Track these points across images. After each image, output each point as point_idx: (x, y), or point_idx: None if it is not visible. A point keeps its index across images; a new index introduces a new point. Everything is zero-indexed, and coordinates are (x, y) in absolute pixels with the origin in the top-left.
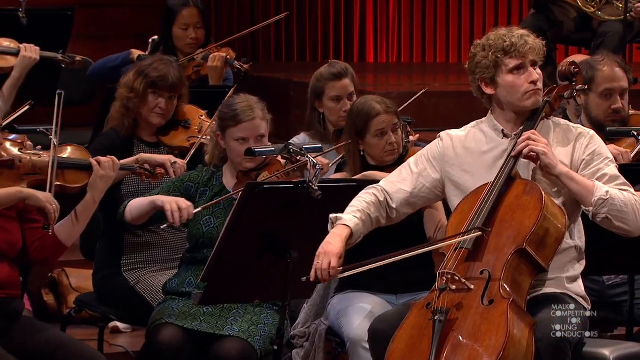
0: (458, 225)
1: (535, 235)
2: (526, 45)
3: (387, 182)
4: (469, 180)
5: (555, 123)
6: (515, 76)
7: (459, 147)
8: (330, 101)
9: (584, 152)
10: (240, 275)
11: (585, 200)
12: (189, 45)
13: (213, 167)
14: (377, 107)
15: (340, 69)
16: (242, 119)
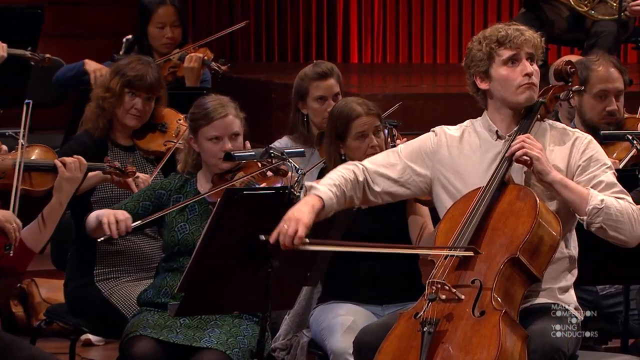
0: (448, 232)
1: (529, 243)
2: (521, 37)
3: (373, 164)
4: (459, 183)
5: (552, 126)
6: (510, 69)
7: (453, 146)
8: (314, 102)
9: (580, 158)
10: (218, 285)
11: (579, 209)
12: (165, 45)
13: (186, 174)
14: (357, 108)
15: (326, 69)
16: (214, 117)
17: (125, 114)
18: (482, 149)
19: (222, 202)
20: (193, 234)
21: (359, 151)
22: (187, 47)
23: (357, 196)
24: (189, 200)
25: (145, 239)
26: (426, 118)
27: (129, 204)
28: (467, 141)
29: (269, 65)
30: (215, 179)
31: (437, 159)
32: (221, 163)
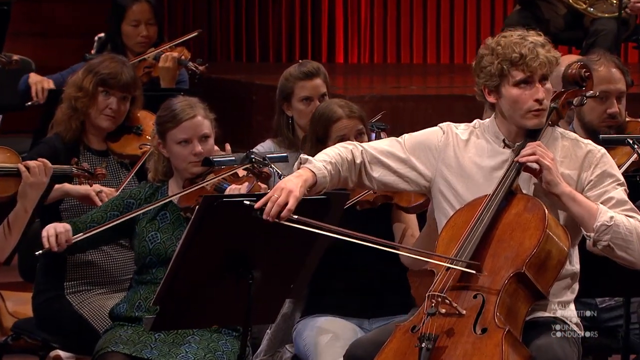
0: (450, 241)
1: (536, 258)
2: (537, 60)
3: (373, 149)
4: (462, 187)
5: (563, 135)
6: (521, 90)
7: (459, 148)
8: (299, 103)
9: (592, 172)
10: (196, 297)
11: (586, 224)
12: (140, 44)
13: (157, 183)
14: (338, 111)
15: (312, 68)
16: (182, 118)
17: (98, 115)
18: (487, 155)
19: (200, 209)
20: (165, 244)
21: None
22: (162, 46)
23: (351, 178)
24: (152, 205)
25: (119, 249)
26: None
27: (95, 214)
28: (473, 144)
29: (250, 65)
30: (187, 185)
31: (442, 159)
32: (192, 167)
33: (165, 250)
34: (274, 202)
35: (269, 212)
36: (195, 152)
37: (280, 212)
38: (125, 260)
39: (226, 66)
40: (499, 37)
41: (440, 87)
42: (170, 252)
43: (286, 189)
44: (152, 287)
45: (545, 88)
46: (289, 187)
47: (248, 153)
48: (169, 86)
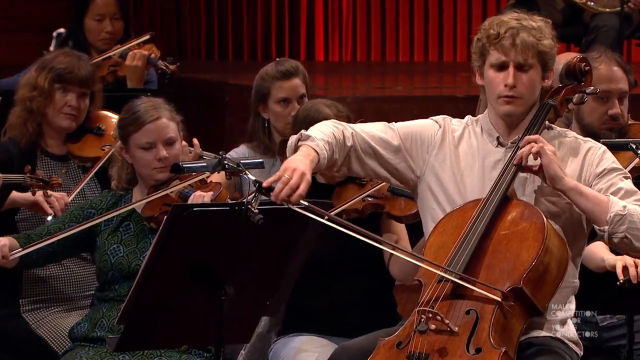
0: (440, 249)
1: (534, 271)
2: (510, 39)
3: (365, 133)
4: (453, 188)
5: (562, 134)
6: (495, 73)
7: (454, 146)
8: (277, 104)
9: (594, 169)
10: (164, 315)
11: (598, 218)
12: (104, 40)
13: (121, 191)
14: (325, 110)
15: (290, 67)
16: (145, 120)
17: (57, 114)
18: (480, 154)
19: (169, 219)
20: (128, 257)
21: None
22: (129, 43)
23: (339, 161)
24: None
25: (80, 262)
26: None
27: (52, 226)
28: (466, 141)
29: (222, 64)
30: (152, 192)
31: (435, 154)
32: (156, 174)
33: (128, 265)
34: (285, 183)
35: (279, 194)
36: (160, 157)
37: (291, 195)
38: (87, 275)
39: (197, 65)
40: (492, 18)
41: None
42: (134, 266)
43: (298, 170)
44: (115, 304)
45: (526, 76)
46: (301, 169)
47: (221, 159)
48: (137, 86)
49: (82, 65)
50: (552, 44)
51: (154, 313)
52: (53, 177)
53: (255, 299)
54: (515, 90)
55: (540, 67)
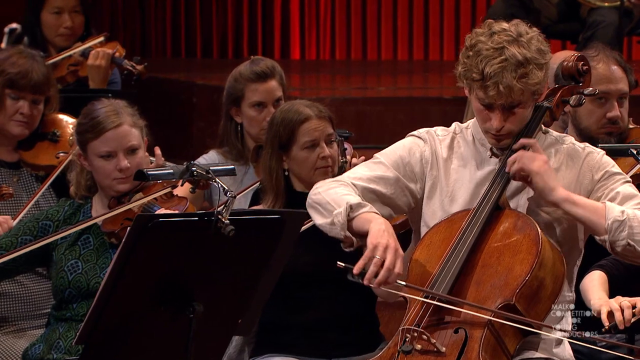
0: (425, 264)
1: (528, 287)
2: (494, 88)
3: (360, 180)
4: (447, 201)
5: (559, 141)
6: (482, 107)
7: (442, 159)
8: (251, 108)
9: (593, 176)
10: (127, 335)
11: (596, 227)
12: (63, 36)
13: (79, 199)
14: (306, 111)
15: (266, 68)
16: (105, 127)
17: (8, 121)
18: (473, 165)
19: (132, 232)
20: (87, 274)
21: (306, 164)
22: (90, 40)
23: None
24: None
25: (36, 278)
26: (385, 127)
27: (4, 240)
28: (456, 152)
29: (190, 62)
30: (113, 204)
31: (429, 169)
32: (117, 185)
33: (87, 283)
34: (378, 265)
35: (372, 277)
36: (121, 168)
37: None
38: (43, 292)
39: (162, 63)
40: (478, 37)
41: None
42: (94, 284)
43: (390, 247)
44: (73, 324)
45: (514, 115)
46: (392, 245)
47: (189, 165)
48: (100, 87)
49: (37, 68)
50: (541, 75)
51: (116, 333)
52: (3, 186)
53: (226, 317)
54: (503, 129)
55: (531, 97)
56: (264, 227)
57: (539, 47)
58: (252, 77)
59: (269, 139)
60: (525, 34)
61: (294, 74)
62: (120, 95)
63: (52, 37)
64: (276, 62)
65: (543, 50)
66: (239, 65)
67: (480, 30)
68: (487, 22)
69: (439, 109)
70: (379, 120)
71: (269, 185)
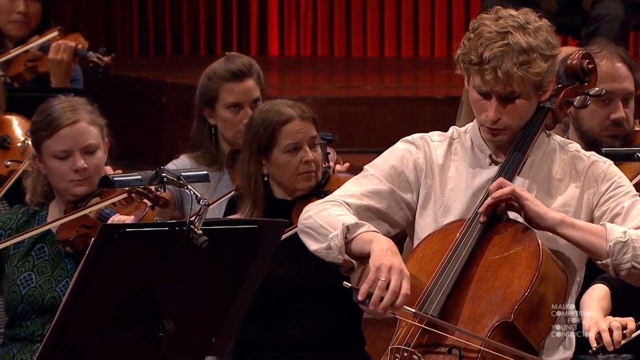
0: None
1: (527, 303)
2: (492, 73)
3: (353, 197)
4: (442, 211)
5: (562, 146)
6: (478, 97)
7: (437, 166)
8: (226, 110)
9: (598, 188)
10: (91, 357)
11: (597, 250)
12: (16, 23)
13: (35, 206)
14: (288, 111)
15: (243, 66)
16: (60, 124)
17: None
18: (470, 172)
19: (96, 243)
20: (42, 288)
21: (288, 169)
22: (48, 32)
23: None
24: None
25: None
26: (371, 130)
27: None
28: (453, 159)
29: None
30: (70, 209)
31: (424, 177)
32: (74, 188)
33: (41, 297)
34: (383, 289)
35: (377, 301)
36: (77, 168)
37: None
38: None
39: (129, 61)
40: (483, 20)
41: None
42: (49, 299)
43: (395, 267)
44: (28, 345)
45: (512, 106)
46: (397, 265)
47: (158, 171)
48: (62, 84)
49: None
50: (545, 66)
51: (78, 354)
52: None
53: (198, 335)
54: (499, 122)
55: (533, 90)
56: (240, 237)
57: (546, 38)
58: (227, 75)
59: (247, 141)
60: (533, 22)
61: (273, 71)
62: (83, 94)
63: (3, 23)
64: (253, 59)
65: (551, 42)
66: (212, 63)
67: (487, 15)
68: (495, 8)
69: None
70: (364, 122)
71: (246, 192)
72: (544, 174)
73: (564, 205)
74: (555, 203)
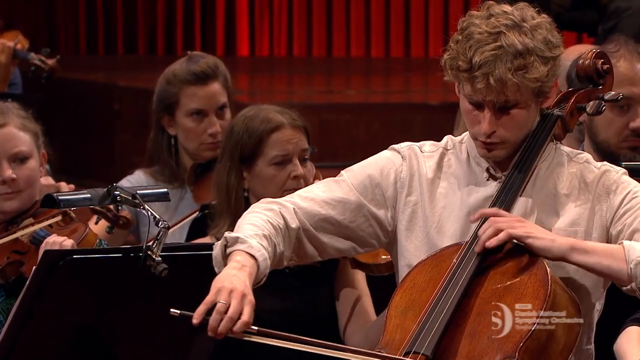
0: (407, 311)
1: (535, 340)
2: (484, 81)
3: (310, 201)
4: (433, 232)
5: (571, 157)
6: (470, 107)
7: (427, 181)
8: (188, 117)
9: (611, 201)
10: None
11: (618, 275)
12: None
13: None
14: (277, 117)
15: (207, 67)
16: None
17: None
18: (465, 188)
19: (39, 271)
20: None
21: (273, 184)
22: None
23: (287, 254)
24: None
25: None
26: (356, 141)
27: None
28: (445, 172)
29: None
30: (1, 231)
31: (405, 196)
32: (2, 202)
33: None
34: (221, 312)
35: (216, 327)
36: (4, 179)
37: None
38: None
39: (74, 61)
40: (472, 19)
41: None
42: None
43: (236, 291)
44: None
45: (508, 117)
46: (239, 289)
47: (110, 188)
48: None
49: None
50: (545, 70)
51: None
52: None
53: None
54: (494, 135)
55: (532, 98)
56: (205, 265)
57: (546, 38)
58: (189, 78)
59: (227, 150)
60: (530, 20)
61: (242, 74)
62: (23, 100)
63: None
64: (219, 60)
65: (551, 41)
66: (172, 64)
67: (477, 13)
68: (486, 4)
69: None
70: (347, 133)
71: (224, 207)
72: (549, 190)
73: (572, 224)
74: (561, 222)
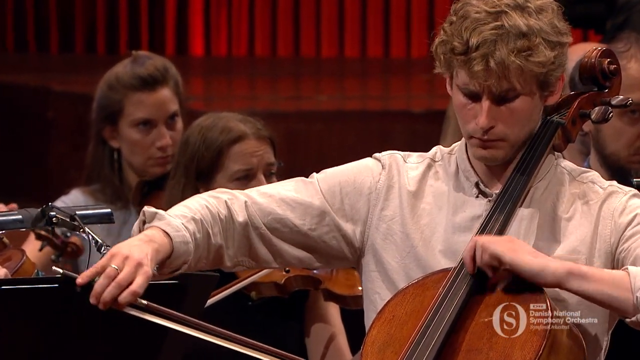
0: (384, 347)
1: None
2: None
3: (268, 198)
4: (411, 256)
5: (572, 175)
6: (465, 100)
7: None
8: (133, 128)
9: (618, 221)
10: None
11: (621, 305)
12: None
13: None
14: (239, 126)
15: (155, 70)
16: None
17: None
18: (450, 205)
19: None
20: None
21: None
22: None
23: (230, 252)
24: None
25: None
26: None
27: None
28: (431, 186)
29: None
30: None
31: (380, 210)
32: None
33: None
34: (111, 277)
35: (100, 293)
36: None
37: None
38: None
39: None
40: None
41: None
42: None
43: (131, 258)
44: None
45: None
46: (135, 257)
47: (45, 209)
48: None
49: None
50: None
51: None
52: None
53: None
54: (493, 131)
55: (536, 87)
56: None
57: (552, 21)
58: (135, 83)
59: (181, 165)
60: (534, 0)
61: (195, 76)
62: None
63: None
64: (169, 61)
65: (559, 27)
66: (115, 66)
67: None
68: None
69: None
70: (318, 144)
71: None
72: (547, 212)
73: (572, 252)
74: (561, 249)
